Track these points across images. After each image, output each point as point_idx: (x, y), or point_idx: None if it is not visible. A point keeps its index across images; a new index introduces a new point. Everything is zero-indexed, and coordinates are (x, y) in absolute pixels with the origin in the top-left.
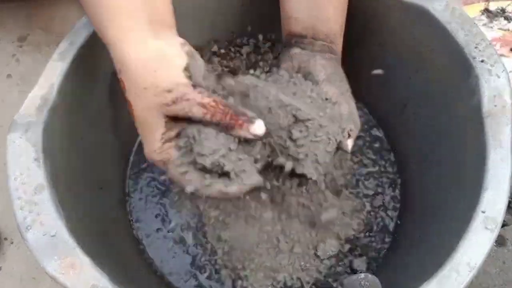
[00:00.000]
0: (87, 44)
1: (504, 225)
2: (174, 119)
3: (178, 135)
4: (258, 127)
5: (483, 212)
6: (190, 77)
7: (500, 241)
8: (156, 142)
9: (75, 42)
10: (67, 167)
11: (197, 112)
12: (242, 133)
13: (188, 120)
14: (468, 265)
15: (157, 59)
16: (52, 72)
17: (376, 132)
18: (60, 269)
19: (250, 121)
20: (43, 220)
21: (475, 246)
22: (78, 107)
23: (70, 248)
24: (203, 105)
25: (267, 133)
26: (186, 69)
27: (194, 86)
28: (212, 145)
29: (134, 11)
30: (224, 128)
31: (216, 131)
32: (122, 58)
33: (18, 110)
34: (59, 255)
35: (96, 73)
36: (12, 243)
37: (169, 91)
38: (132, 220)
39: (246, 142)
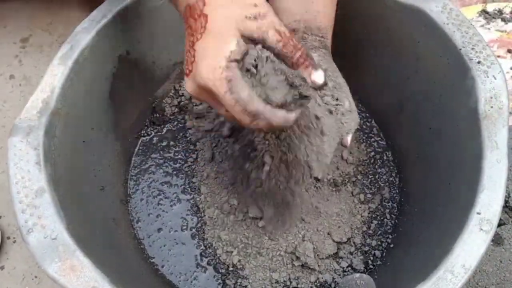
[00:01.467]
0: (88, 47)
1: (501, 224)
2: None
3: (242, 59)
4: (319, 76)
5: (479, 213)
6: None
7: (497, 240)
8: (223, 58)
9: (76, 45)
10: (68, 170)
11: (272, 36)
12: (305, 74)
13: (258, 44)
14: (463, 266)
15: None
16: (53, 76)
17: (374, 132)
18: (60, 272)
19: (315, 67)
20: (44, 223)
21: (470, 247)
22: (79, 110)
23: (70, 251)
24: (279, 32)
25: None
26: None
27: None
28: (278, 81)
29: None
30: (290, 63)
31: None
32: None
33: (20, 111)
34: (60, 258)
35: (96, 76)
36: (14, 242)
37: (255, 5)
38: (133, 221)
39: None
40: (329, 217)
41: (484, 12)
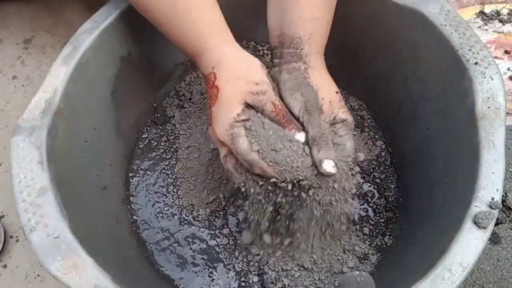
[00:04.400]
0: (91, 48)
1: (498, 223)
2: (247, 107)
3: (245, 121)
4: (300, 136)
5: (476, 212)
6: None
7: (494, 239)
8: (229, 120)
9: (79, 46)
10: (70, 169)
11: (269, 108)
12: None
13: (257, 110)
14: (461, 265)
15: (250, 59)
16: (56, 77)
17: (373, 132)
18: (63, 270)
19: (297, 129)
20: (46, 222)
21: (468, 246)
22: (82, 110)
23: (73, 249)
24: (274, 105)
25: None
26: (267, 75)
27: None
28: (275, 138)
29: (225, 25)
30: (282, 126)
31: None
32: (220, 56)
33: (23, 111)
34: (62, 256)
35: (99, 77)
36: (17, 241)
37: (257, 83)
38: (135, 220)
39: None
40: None
41: (481, 13)
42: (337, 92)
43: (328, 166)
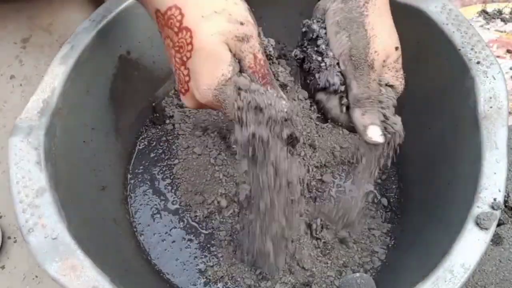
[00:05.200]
0: (89, 48)
1: (500, 224)
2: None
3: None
4: (375, 133)
5: (478, 213)
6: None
7: (496, 240)
8: (218, 77)
9: (77, 46)
10: (68, 170)
11: (248, 61)
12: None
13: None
14: (463, 266)
15: None
16: (54, 76)
17: None
18: (61, 271)
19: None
20: (44, 223)
21: (470, 247)
22: (80, 110)
23: (71, 251)
24: (256, 58)
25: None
26: (249, 11)
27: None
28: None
29: None
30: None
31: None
32: None
33: (21, 111)
34: (60, 257)
35: (97, 76)
36: (15, 241)
37: (242, 23)
38: (133, 221)
39: None
40: None
41: (483, 12)
42: (396, 48)
43: (375, 133)
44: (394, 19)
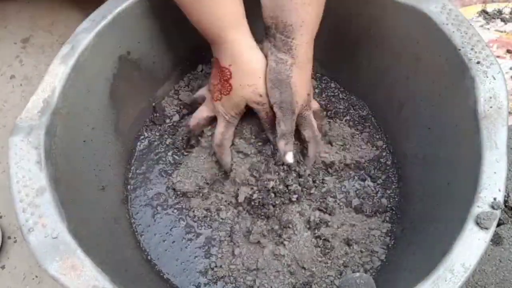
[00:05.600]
0: (89, 48)
1: (500, 223)
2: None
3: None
4: (289, 158)
5: (478, 213)
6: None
7: (496, 240)
8: (231, 113)
9: (77, 46)
10: (69, 169)
11: (263, 115)
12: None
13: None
14: (463, 266)
15: (261, 66)
16: (54, 76)
17: (374, 132)
18: (61, 270)
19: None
20: (44, 223)
21: (470, 247)
22: (80, 110)
23: (71, 250)
24: (267, 114)
25: None
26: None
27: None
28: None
29: (244, 16)
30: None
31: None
32: (238, 52)
33: (21, 111)
34: (61, 257)
35: (97, 76)
36: (15, 241)
37: (260, 95)
38: (133, 220)
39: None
40: None
41: (483, 12)
42: (308, 94)
43: (290, 157)
44: (394, 19)
